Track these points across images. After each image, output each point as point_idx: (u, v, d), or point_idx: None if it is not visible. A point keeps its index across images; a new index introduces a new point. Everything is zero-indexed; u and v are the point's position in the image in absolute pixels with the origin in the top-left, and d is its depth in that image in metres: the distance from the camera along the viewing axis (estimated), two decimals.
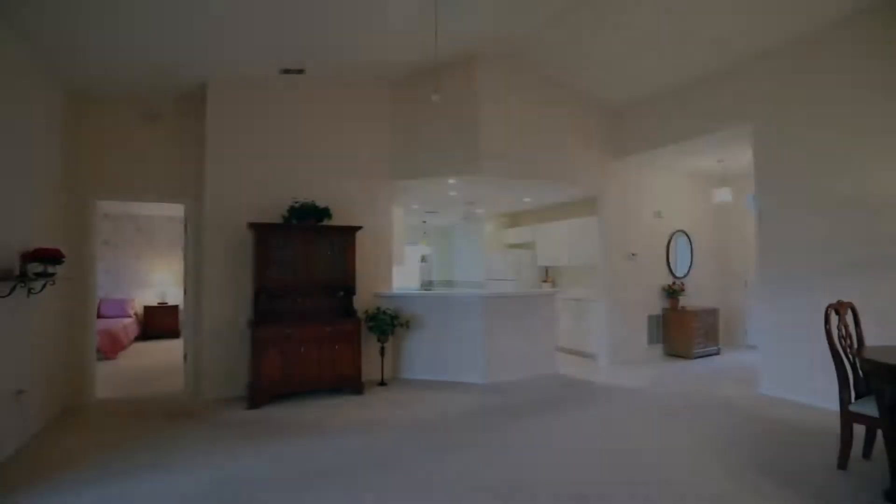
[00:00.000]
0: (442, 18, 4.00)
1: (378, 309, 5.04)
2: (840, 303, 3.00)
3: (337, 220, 5.06)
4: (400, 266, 6.68)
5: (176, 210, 8.14)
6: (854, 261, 3.94)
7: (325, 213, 4.80)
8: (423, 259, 10.61)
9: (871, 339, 3.69)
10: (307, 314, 4.79)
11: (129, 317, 7.99)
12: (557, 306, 6.84)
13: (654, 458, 3.05)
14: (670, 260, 6.76)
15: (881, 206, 3.77)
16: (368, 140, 5.42)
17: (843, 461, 2.86)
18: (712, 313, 6.60)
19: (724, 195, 5.96)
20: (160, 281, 8.68)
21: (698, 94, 5.19)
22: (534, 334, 5.49)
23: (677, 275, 6.81)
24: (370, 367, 5.19)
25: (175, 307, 8.47)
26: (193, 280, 4.92)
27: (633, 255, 6.33)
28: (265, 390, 4.26)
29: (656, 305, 6.59)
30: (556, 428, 3.65)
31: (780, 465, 2.94)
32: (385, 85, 5.51)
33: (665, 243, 6.74)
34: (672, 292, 6.54)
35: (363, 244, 5.22)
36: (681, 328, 6.39)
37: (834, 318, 2.94)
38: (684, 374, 5.51)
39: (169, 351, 7.13)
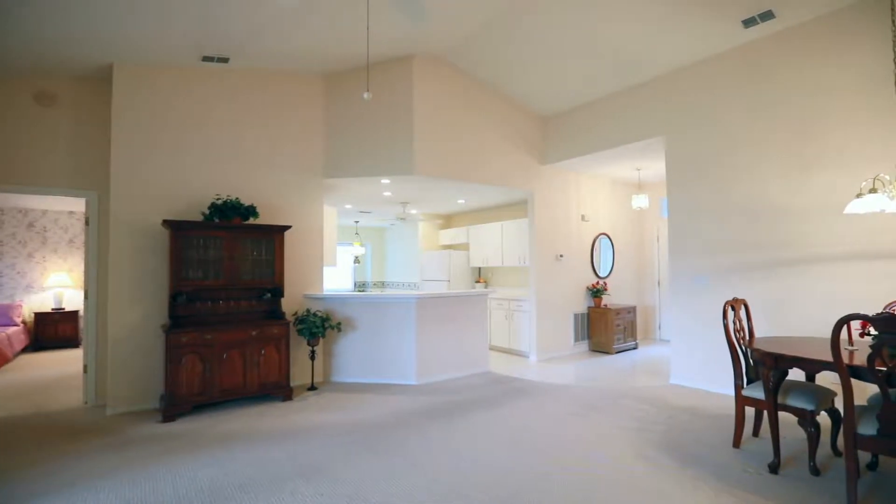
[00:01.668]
0: (374, 15, 3.96)
1: (308, 311, 4.87)
2: (735, 299, 3.34)
3: (264, 218, 4.83)
4: (332, 267, 6.51)
5: (77, 204, 7.37)
6: (750, 262, 4.42)
7: (250, 211, 4.55)
8: (357, 260, 10.41)
9: (763, 331, 4.17)
10: (231, 318, 4.52)
11: (16, 325, 7.06)
12: (490, 306, 7.02)
13: (578, 450, 3.22)
14: (594, 261, 7.18)
15: (773, 215, 4.26)
16: (299, 136, 5.22)
17: (736, 440, 3.20)
18: (631, 311, 7.10)
19: (641, 201, 6.43)
20: (56, 283, 7.76)
21: (617, 107, 5.56)
22: (466, 334, 5.58)
23: (601, 275, 7.25)
24: (300, 372, 5.01)
25: (74, 313, 7.62)
26: (97, 283, 4.46)
27: (560, 256, 6.64)
28: (182, 401, 3.95)
29: (582, 304, 6.96)
30: (485, 426, 3.73)
31: (685, 446, 3.22)
32: (318, 80, 5.34)
33: (590, 245, 7.15)
34: (596, 292, 6.95)
35: (292, 244, 5.02)
36: (603, 325, 6.80)
37: (731, 314, 3.27)
38: (606, 368, 5.87)
39: (66, 362, 6.40)
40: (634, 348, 7.05)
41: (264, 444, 3.35)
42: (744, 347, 3.25)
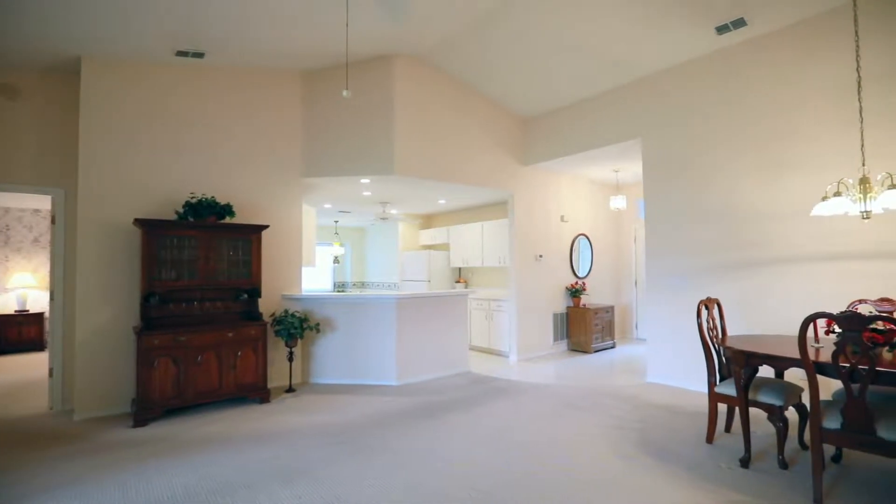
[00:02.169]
0: (354, 13, 3.93)
1: (286, 312, 4.80)
2: (709, 299, 3.43)
3: (241, 217, 4.74)
4: (311, 267, 6.43)
5: (43, 202, 7.08)
6: (723, 263, 4.54)
7: (226, 210, 4.45)
8: (336, 260, 10.30)
9: (735, 330, 4.29)
10: (206, 319, 4.41)
11: None
12: (470, 306, 7.04)
13: (557, 448, 3.25)
14: (573, 261, 7.27)
15: (745, 216, 4.39)
16: (277, 134, 5.13)
17: (710, 436, 3.28)
18: (609, 310, 7.21)
19: (619, 202, 6.55)
20: (20, 284, 7.44)
21: (595, 109, 5.65)
22: (446, 334, 5.58)
23: (579, 275, 7.35)
24: (278, 374, 4.93)
25: (39, 315, 7.33)
26: (63, 283, 4.30)
27: (540, 256, 6.71)
28: (155, 405, 3.84)
29: (561, 304, 7.04)
30: (466, 426, 3.74)
31: (661, 443, 3.29)
32: (297, 77, 5.26)
33: (569, 246, 7.24)
34: (575, 291, 7.04)
35: (270, 244, 4.94)
36: (582, 325, 6.90)
37: (704, 313, 3.35)
38: (584, 367, 5.95)
39: (30, 366, 6.15)
40: (612, 347, 7.17)
41: (241, 448, 3.28)
42: (717, 346, 3.34)
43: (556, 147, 6.12)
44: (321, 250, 9.86)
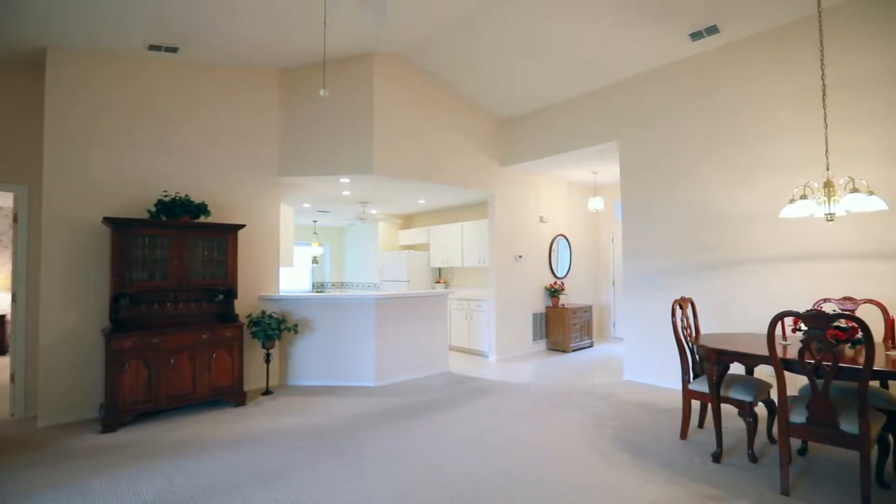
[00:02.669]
0: (333, 11, 3.89)
1: (263, 313, 4.71)
2: (683, 298, 3.51)
3: (216, 217, 4.63)
4: (289, 268, 6.34)
5: (4, 199, 6.78)
6: (698, 263, 4.65)
7: (201, 209, 4.35)
8: (315, 260, 10.17)
9: (708, 328, 4.40)
10: (180, 320, 4.30)
11: None
12: (450, 306, 7.05)
13: (535, 447, 3.28)
14: (552, 262, 7.35)
15: (718, 218, 4.51)
16: (254, 132, 5.04)
17: (683, 432, 3.36)
18: (587, 310, 7.32)
19: (597, 203, 6.65)
20: None
21: (574, 112, 5.73)
22: (426, 335, 5.57)
23: (558, 275, 7.43)
24: (255, 376, 4.84)
25: (0, 318, 7.02)
26: (26, 284, 4.13)
27: (519, 256, 6.76)
28: (125, 409, 3.72)
29: (540, 304, 7.11)
30: (445, 426, 3.74)
31: (637, 440, 3.35)
32: (275, 75, 5.17)
33: (548, 246, 7.31)
34: (553, 291, 7.12)
35: (247, 244, 4.84)
36: (560, 324, 6.98)
37: (679, 312, 3.43)
38: (563, 366, 6.02)
39: None
40: (590, 346, 7.27)
41: (216, 452, 3.20)
42: (690, 344, 3.42)
43: (535, 148, 6.18)
44: (299, 250, 9.73)
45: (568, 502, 2.49)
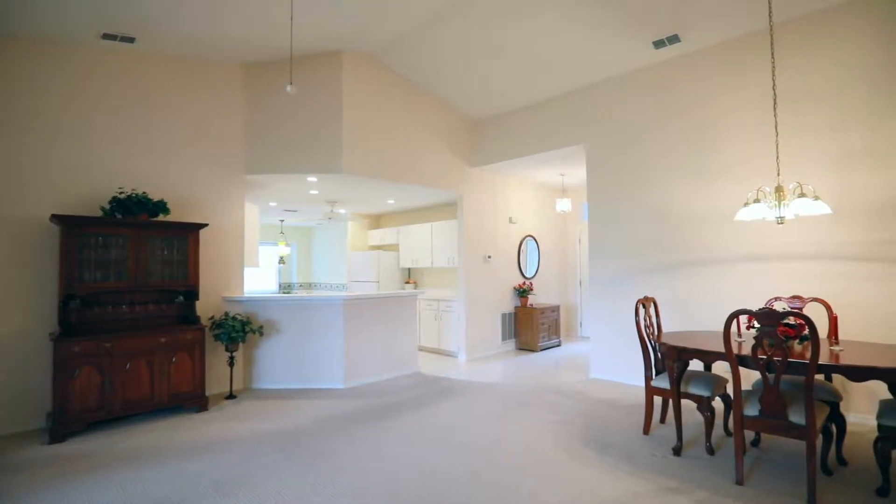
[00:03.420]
0: (300, 5, 3.81)
1: (227, 314, 4.57)
2: (646, 298, 3.63)
3: (177, 215, 4.46)
4: (254, 268, 6.17)
5: None
6: (660, 263, 4.81)
7: (159, 207, 4.17)
8: (282, 260, 9.94)
9: (670, 326, 4.56)
10: (137, 323, 4.11)
11: None
12: (419, 307, 7.03)
13: (504, 446, 3.31)
14: (521, 262, 7.45)
15: (679, 220, 4.68)
16: (218, 128, 4.88)
17: (646, 427, 3.47)
18: (555, 310, 7.45)
19: (564, 205, 6.78)
20: None
21: (543, 114, 5.82)
22: (395, 335, 5.54)
23: (527, 275, 7.54)
24: (218, 380, 4.69)
25: None
26: None
27: (489, 257, 6.81)
28: (75, 418, 3.52)
29: (509, 304, 7.19)
30: (415, 427, 3.72)
31: (603, 436, 3.44)
32: (239, 70, 5.02)
33: (517, 247, 7.41)
34: (522, 292, 7.21)
35: (209, 243, 4.68)
36: (529, 324, 7.08)
37: (642, 311, 3.54)
38: (531, 365, 6.11)
39: None
40: (558, 346, 7.41)
41: (175, 460, 3.08)
42: (653, 342, 3.54)
43: (504, 150, 6.25)
44: (265, 250, 9.49)
45: (535, 499, 2.52)
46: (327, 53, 5.02)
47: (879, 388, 3.39)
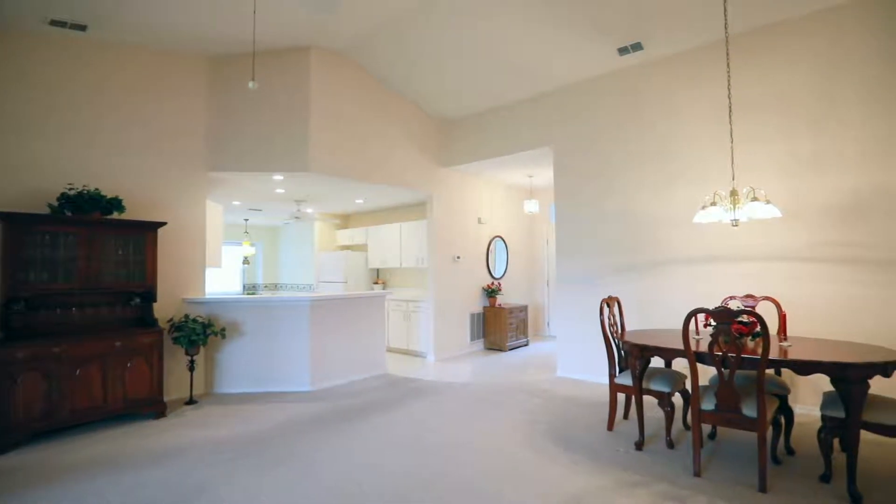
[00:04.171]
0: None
1: (187, 317, 4.40)
2: (610, 297, 3.73)
3: (133, 213, 4.26)
4: (216, 268, 5.96)
5: None
6: (624, 264, 4.95)
7: (114, 204, 3.98)
8: (246, 261, 9.66)
9: (634, 325, 4.69)
10: (88, 327, 3.90)
11: None
12: (388, 307, 6.98)
13: (471, 445, 3.33)
14: (490, 262, 7.51)
15: (643, 222, 4.82)
16: (179, 123, 4.69)
17: (610, 423, 3.56)
18: (523, 310, 7.55)
19: (532, 206, 6.89)
20: None
21: (511, 117, 5.89)
22: (364, 336, 5.47)
23: (495, 276, 7.61)
24: (177, 385, 4.51)
25: None
26: None
27: (458, 257, 6.84)
28: (17, 428, 3.30)
29: (478, 304, 7.24)
30: (382, 429, 3.69)
31: (568, 432, 3.51)
32: (202, 63, 4.85)
33: (486, 247, 7.46)
34: (491, 292, 7.27)
35: (168, 243, 4.50)
36: (498, 324, 7.14)
37: (606, 310, 3.63)
38: (500, 365, 6.17)
39: None
40: (526, 345, 7.51)
41: (129, 470, 2.93)
42: (617, 340, 3.64)
43: (474, 150, 6.28)
44: (229, 250, 9.20)
45: (501, 497, 2.55)
46: (296, 49, 4.92)
47: (823, 381, 3.60)
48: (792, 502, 2.44)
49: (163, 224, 4.20)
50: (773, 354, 2.69)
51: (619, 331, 3.84)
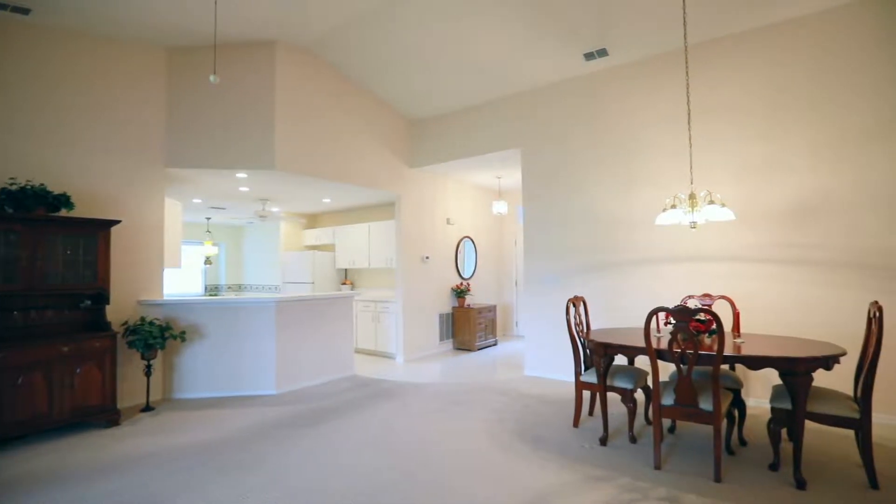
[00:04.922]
0: None
1: (143, 319, 4.21)
2: (576, 297, 3.81)
3: (84, 210, 4.04)
4: (176, 269, 5.73)
5: None
6: (590, 264, 5.07)
7: (61, 200, 3.75)
8: (208, 261, 9.33)
9: (598, 324, 4.80)
10: (32, 331, 3.67)
11: None
12: (356, 308, 6.90)
13: (440, 445, 3.32)
14: (459, 263, 7.54)
15: (608, 224, 4.95)
16: (136, 116, 4.48)
17: (576, 420, 3.64)
18: (492, 310, 7.61)
19: (501, 207, 6.95)
20: None
21: (480, 118, 5.94)
22: (331, 338, 5.39)
23: (464, 276, 7.64)
24: (133, 392, 4.31)
25: None
26: None
27: (426, 258, 6.83)
28: None
29: (447, 304, 7.25)
30: (350, 431, 3.64)
31: (535, 430, 3.56)
32: (160, 53, 4.65)
33: (454, 248, 7.48)
34: (460, 292, 7.30)
35: (123, 242, 4.29)
36: (467, 324, 7.18)
37: (572, 310, 3.71)
38: (469, 365, 6.20)
39: None
40: (495, 345, 7.57)
41: (75, 485, 2.77)
42: (582, 339, 3.72)
43: (442, 151, 6.29)
44: (189, 250, 8.86)
45: (471, 497, 2.55)
46: (261, 43, 4.78)
47: (773, 375, 3.80)
48: (743, 490, 2.56)
49: (116, 222, 3.99)
50: (728, 351, 2.82)
51: (585, 330, 3.93)
